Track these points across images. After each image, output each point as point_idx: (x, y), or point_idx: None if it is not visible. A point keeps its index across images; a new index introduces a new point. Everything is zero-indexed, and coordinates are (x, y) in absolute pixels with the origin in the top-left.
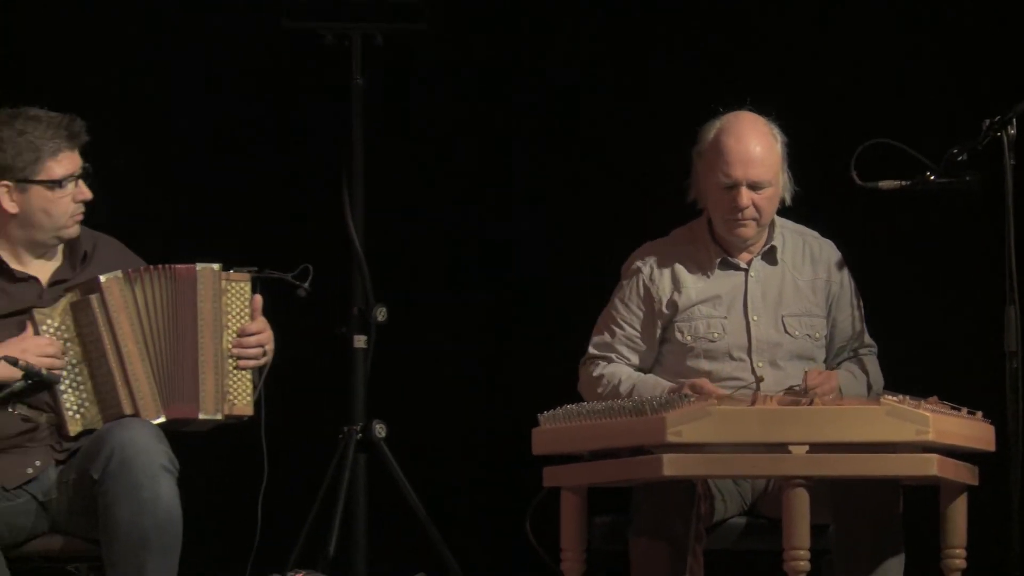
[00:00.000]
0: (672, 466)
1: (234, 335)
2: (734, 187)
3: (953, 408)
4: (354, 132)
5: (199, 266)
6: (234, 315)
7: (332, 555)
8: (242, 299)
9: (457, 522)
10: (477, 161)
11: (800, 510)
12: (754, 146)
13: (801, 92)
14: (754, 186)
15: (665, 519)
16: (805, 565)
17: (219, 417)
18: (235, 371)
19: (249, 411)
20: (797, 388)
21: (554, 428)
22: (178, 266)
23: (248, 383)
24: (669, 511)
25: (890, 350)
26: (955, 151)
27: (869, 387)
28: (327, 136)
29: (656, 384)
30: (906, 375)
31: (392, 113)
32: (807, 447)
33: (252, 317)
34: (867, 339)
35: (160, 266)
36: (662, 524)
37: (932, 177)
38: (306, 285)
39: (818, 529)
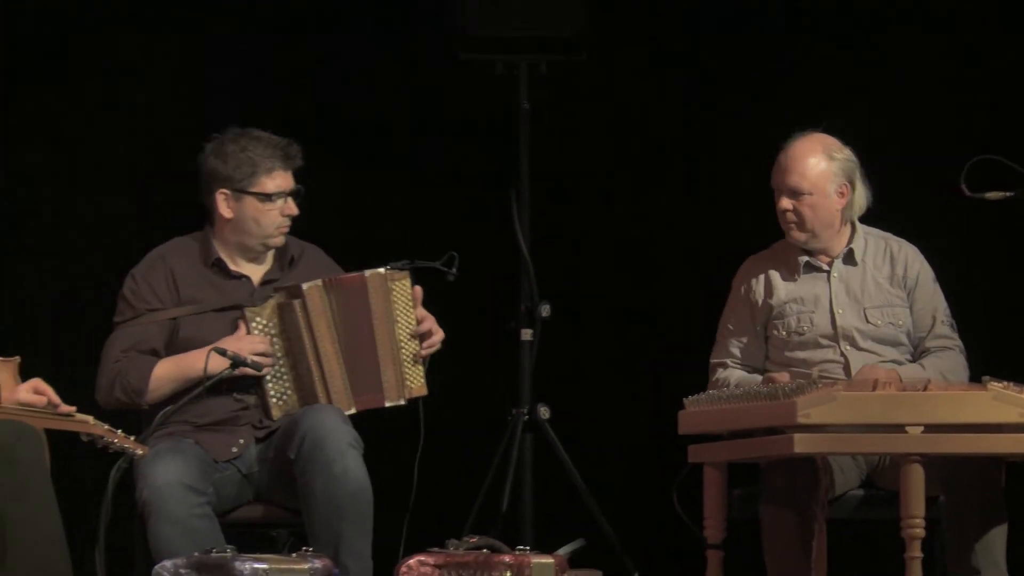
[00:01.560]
0: (801, 444)
1: (403, 326)
2: (778, 193)
3: None
4: (521, 149)
5: (367, 273)
6: (401, 308)
7: (503, 523)
8: (405, 293)
9: (612, 494)
10: (628, 174)
11: (916, 483)
12: (797, 159)
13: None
14: (792, 193)
15: (793, 491)
16: (920, 532)
17: (402, 402)
18: (407, 354)
19: (424, 391)
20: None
21: (698, 411)
22: (350, 275)
23: (420, 368)
24: (796, 484)
25: (993, 343)
26: None
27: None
28: (497, 154)
29: (755, 382)
30: (1009, 365)
31: (553, 132)
32: (922, 427)
33: (415, 306)
34: (944, 332)
35: (341, 276)
36: (790, 495)
37: None
38: (453, 270)
39: (929, 501)
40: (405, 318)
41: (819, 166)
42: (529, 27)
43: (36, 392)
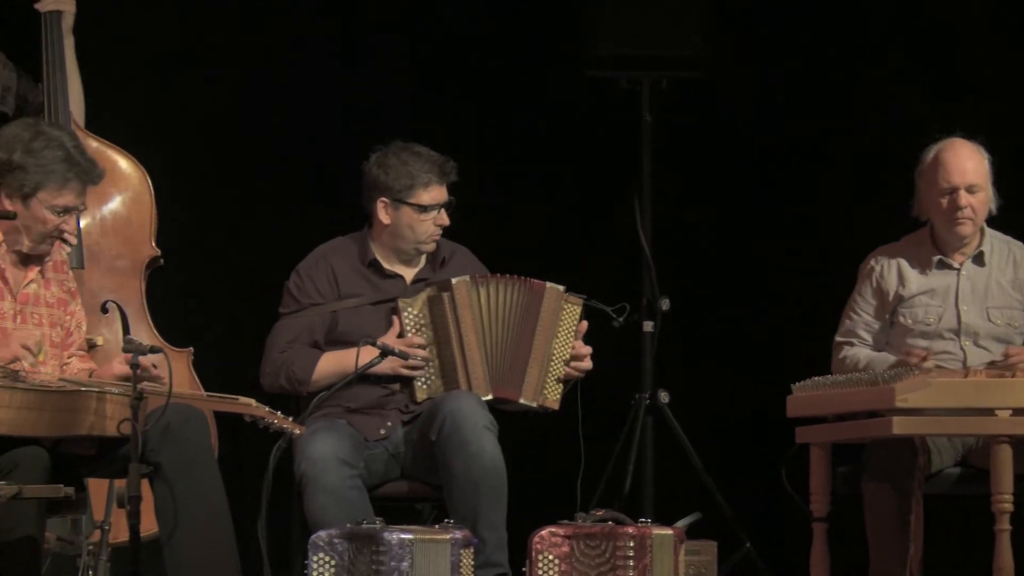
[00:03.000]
0: (900, 426)
1: (560, 343)
2: (954, 191)
3: None
4: (643, 158)
5: (548, 284)
6: (564, 328)
7: (626, 498)
8: (572, 318)
9: (726, 472)
10: (738, 180)
11: (1005, 462)
12: (967, 157)
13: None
14: (970, 189)
15: (893, 469)
16: (1009, 506)
17: (534, 405)
18: (553, 372)
19: (556, 406)
20: (999, 363)
21: (804, 395)
22: (534, 280)
23: (558, 386)
24: (896, 463)
25: None
26: None
27: None
28: (620, 162)
29: (885, 359)
30: None
31: (673, 142)
32: (1010, 411)
33: (577, 337)
34: None
35: (516, 276)
36: (890, 473)
37: None
38: (621, 319)
39: (1017, 478)
40: (564, 337)
41: (984, 165)
42: (650, 47)
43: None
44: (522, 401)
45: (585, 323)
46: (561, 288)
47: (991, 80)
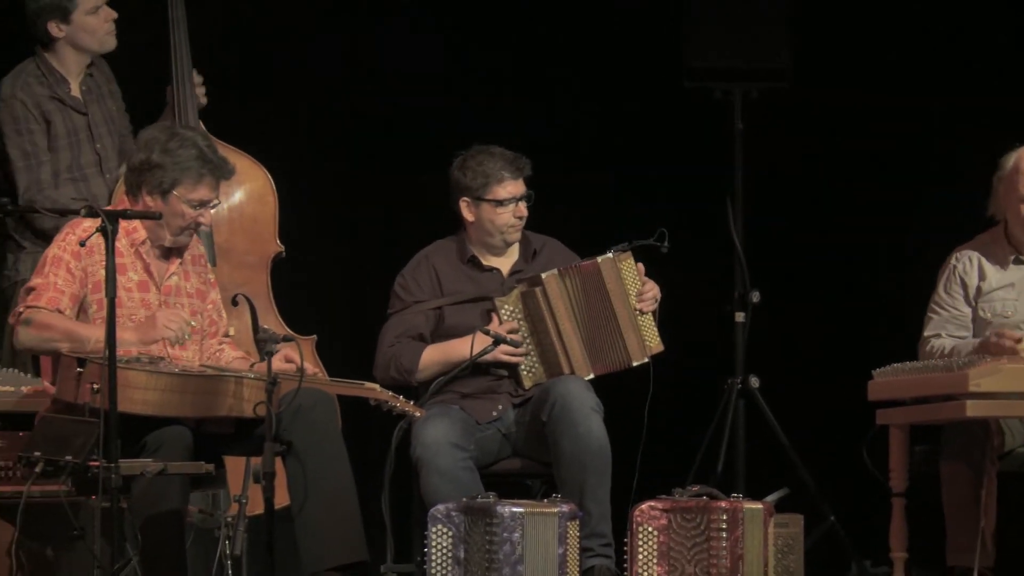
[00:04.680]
0: (973, 409)
1: (634, 296)
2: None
3: None
4: (735, 162)
5: (599, 259)
6: (630, 283)
7: (720, 474)
8: (631, 270)
9: (812, 451)
10: (823, 183)
11: None
12: None
13: None
14: None
15: (968, 448)
16: None
17: (646, 360)
18: (643, 320)
19: (661, 347)
20: None
21: (884, 381)
22: (585, 263)
23: (653, 327)
24: (971, 442)
25: None
26: None
27: None
28: (711, 166)
29: (968, 344)
30: None
31: (762, 148)
32: None
33: (640, 279)
34: None
35: (577, 264)
36: (965, 452)
37: None
38: (665, 244)
39: None
40: (635, 289)
41: None
42: (742, 60)
43: (287, 360)
44: (635, 363)
45: (641, 264)
46: (609, 255)
47: None
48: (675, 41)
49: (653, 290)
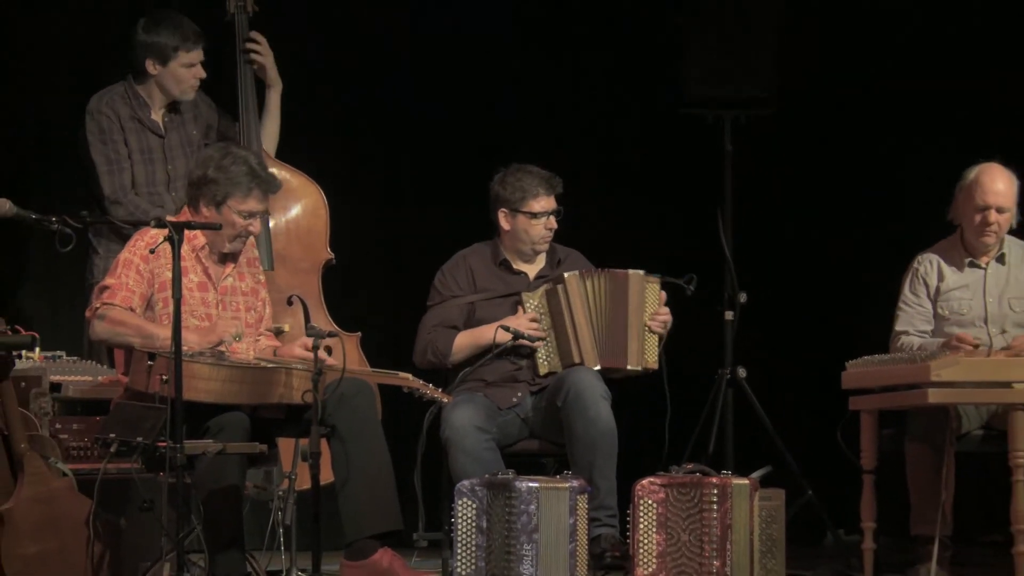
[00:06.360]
0: (934, 396)
1: (649, 315)
2: (986, 210)
3: None
4: (725, 179)
5: (631, 271)
6: (650, 302)
7: (711, 454)
8: (654, 293)
9: (793, 433)
10: (804, 197)
11: (1021, 426)
12: (1004, 182)
13: None
14: (1000, 209)
15: (929, 431)
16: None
17: (639, 368)
18: (649, 336)
19: (655, 366)
20: (1010, 348)
21: (856, 371)
22: (619, 270)
23: (655, 347)
24: (931, 426)
25: None
26: None
27: None
28: (705, 183)
29: (934, 343)
30: None
31: (750, 166)
32: None
33: (660, 304)
34: None
35: (609, 269)
36: (927, 434)
37: None
38: (692, 287)
39: None
40: (652, 309)
41: (1014, 189)
42: (731, 88)
43: (307, 348)
44: (629, 367)
45: (664, 293)
46: (641, 272)
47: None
48: (674, 73)
49: (667, 316)
